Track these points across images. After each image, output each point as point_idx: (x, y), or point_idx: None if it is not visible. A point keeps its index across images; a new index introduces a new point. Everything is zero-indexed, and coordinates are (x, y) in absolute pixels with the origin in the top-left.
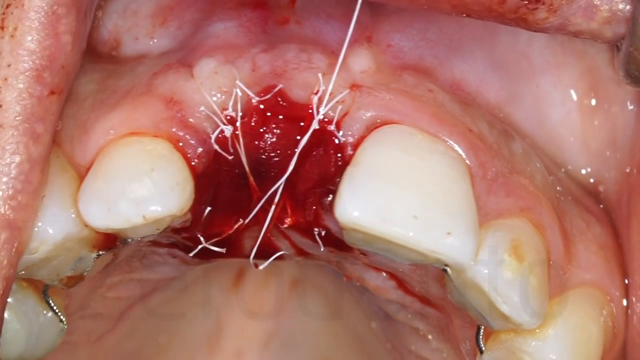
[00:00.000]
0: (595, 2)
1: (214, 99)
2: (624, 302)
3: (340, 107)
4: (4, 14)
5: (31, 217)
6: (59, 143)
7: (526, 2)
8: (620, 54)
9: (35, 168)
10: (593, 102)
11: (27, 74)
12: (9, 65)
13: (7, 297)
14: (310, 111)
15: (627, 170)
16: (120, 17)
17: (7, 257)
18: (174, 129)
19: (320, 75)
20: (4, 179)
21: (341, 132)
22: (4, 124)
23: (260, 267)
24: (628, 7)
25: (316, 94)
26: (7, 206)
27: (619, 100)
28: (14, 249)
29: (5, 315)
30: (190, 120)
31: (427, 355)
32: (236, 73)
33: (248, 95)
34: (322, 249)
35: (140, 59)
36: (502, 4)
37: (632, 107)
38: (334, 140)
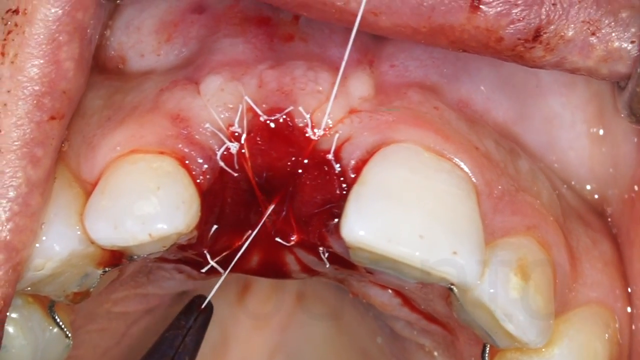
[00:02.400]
0: (591, 41)
1: (221, 116)
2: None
3: (337, 135)
4: (4, 40)
5: (30, 239)
6: (65, 159)
7: (523, 40)
8: (625, 92)
9: (34, 191)
10: (601, 131)
11: (26, 100)
12: (8, 91)
13: (6, 315)
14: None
15: (626, 197)
16: (124, 33)
17: (5, 278)
18: (179, 146)
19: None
20: (2, 202)
21: (342, 158)
22: (3, 149)
23: None
24: (624, 45)
25: (313, 128)
26: (4, 228)
27: (622, 128)
28: (11, 270)
29: (11, 330)
30: (196, 137)
31: None
32: (242, 90)
33: (253, 111)
34: (327, 266)
35: (146, 75)
36: (499, 42)
37: (635, 139)
38: (333, 167)
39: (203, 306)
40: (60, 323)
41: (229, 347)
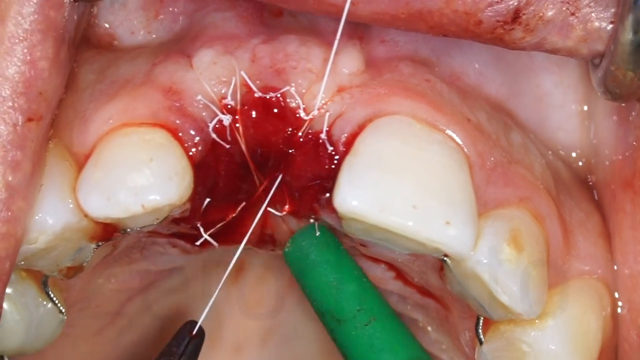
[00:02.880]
0: (570, 21)
1: (214, 89)
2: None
3: (329, 113)
4: None
5: (14, 246)
6: (58, 133)
7: (502, 22)
8: (599, 70)
9: (15, 196)
10: (585, 107)
11: (2, 101)
12: None
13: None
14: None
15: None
16: (110, 12)
17: None
18: (172, 118)
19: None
20: None
21: (333, 135)
22: None
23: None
24: (603, 25)
25: (305, 110)
26: None
27: (602, 112)
28: None
29: (5, 306)
30: (189, 109)
31: (427, 346)
32: (235, 63)
33: (246, 86)
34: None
35: (139, 50)
36: (478, 25)
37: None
38: (325, 147)
39: (194, 332)
40: (54, 298)
41: (222, 329)
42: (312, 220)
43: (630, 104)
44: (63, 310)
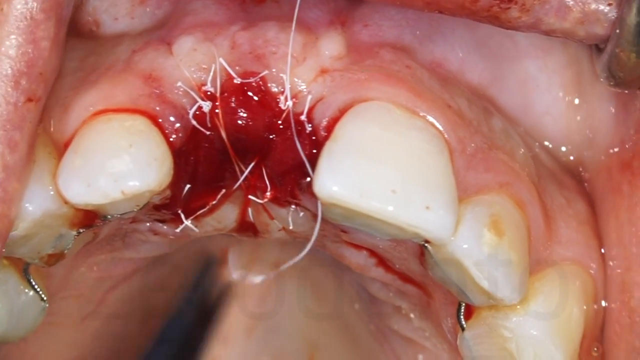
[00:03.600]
0: (567, 3)
1: (194, 76)
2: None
3: (310, 96)
4: None
5: (7, 227)
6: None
7: (498, 1)
8: (604, 55)
9: (11, 177)
10: (577, 100)
11: (4, 80)
12: None
13: None
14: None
15: (610, 151)
16: None
17: None
18: (151, 105)
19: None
20: None
21: (314, 118)
22: None
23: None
24: (601, 7)
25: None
26: None
27: (598, 96)
28: None
29: None
30: (169, 96)
31: (410, 334)
32: (215, 50)
33: (226, 73)
34: (300, 215)
35: (120, 38)
36: (474, 3)
37: (611, 108)
38: (305, 128)
39: None
40: (36, 286)
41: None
42: (292, 208)
43: (631, 93)
44: (45, 298)
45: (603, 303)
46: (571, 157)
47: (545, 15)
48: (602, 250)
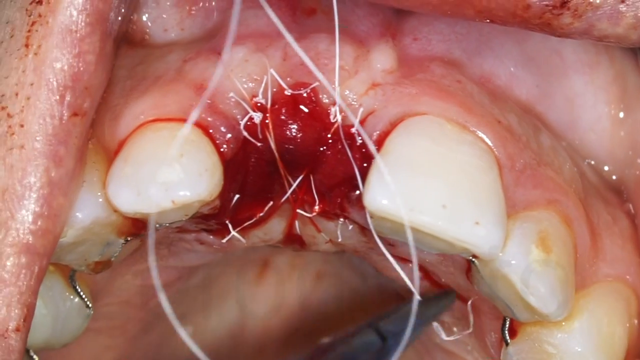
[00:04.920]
0: (620, 9)
1: (245, 86)
2: None
3: (362, 109)
4: (29, 31)
5: (51, 243)
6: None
7: (551, 7)
8: None
9: (56, 193)
10: (622, 114)
11: (49, 93)
12: (32, 84)
13: (30, 324)
14: (331, 117)
15: None
16: (143, 9)
17: (27, 283)
18: (203, 115)
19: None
20: (24, 202)
21: (365, 132)
22: (25, 145)
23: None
24: None
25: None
26: (26, 230)
27: None
28: (34, 275)
29: None
30: (220, 106)
31: (452, 348)
32: (267, 61)
33: (277, 84)
34: (349, 227)
35: (170, 47)
36: (526, 10)
37: None
38: (356, 141)
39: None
40: (81, 293)
41: (246, 328)
42: (341, 221)
43: None
44: (90, 305)
45: None
46: (614, 177)
47: (597, 21)
48: None
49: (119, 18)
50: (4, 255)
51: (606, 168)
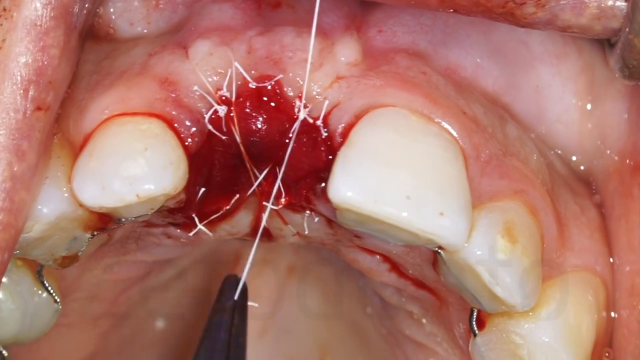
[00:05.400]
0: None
1: (209, 80)
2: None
3: (327, 102)
4: None
5: (13, 237)
6: (59, 124)
7: None
8: (617, 44)
9: (19, 187)
10: (589, 106)
11: (12, 88)
12: None
13: None
14: (296, 110)
15: (611, 169)
16: (110, 2)
17: None
18: (167, 109)
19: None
20: None
21: (330, 124)
22: None
23: None
24: (617, 3)
25: (300, 97)
26: None
27: (611, 101)
28: None
29: (0, 295)
30: (185, 100)
31: (422, 339)
32: (231, 55)
33: (242, 77)
34: (315, 220)
35: (135, 41)
36: None
37: (625, 114)
38: (321, 133)
39: (241, 285)
40: (49, 288)
41: None
42: (307, 213)
43: None
44: (58, 300)
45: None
46: (582, 167)
47: (561, 11)
48: (611, 259)
49: (84, 12)
50: None
51: (574, 158)
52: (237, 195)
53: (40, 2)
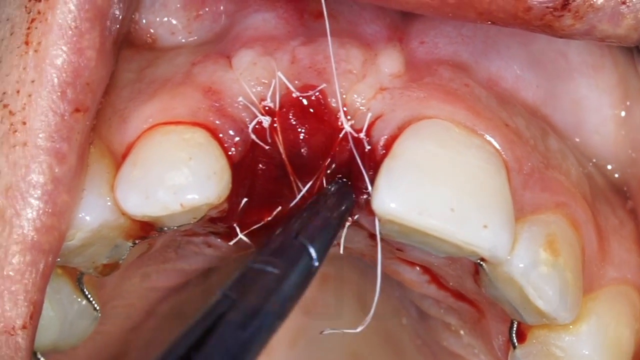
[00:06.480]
0: (621, 10)
1: (253, 90)
2: None
3: (370, 114)
4: (28, 28)
5: (57, 240)
6: (97, 131)
7: (552, 9)
8: None
9: (60, 189)
10: (622, 113)
11: (50, 90)
12: (32, 81)
13: (37, 322)
14: (339, 123)
15: None
16: (151, 12)
17: (33, 280)
18: (211, 118)
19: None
20: (28, 200)
21: (373, 136)
22: (28, 142)
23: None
24: None
25: (345, 114)
26: (31, 228)
27: None
28: (40, 273)
29: None
30: (228, 109)
31: (459, 350)
32: (275, 65)
33: (286, 87)
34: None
35: (178, 50)
36: (527, 12)
37: None
38: (364, 145)
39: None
40: (89, 295)
41: None
42: (348, 224)
43: None
44: (97, 308)
45: None
46: (616, 175)
47: (599, 22)
48: None
49: (118, 15)
50: (10, 253)
51: (609, 167)
52: (279, 208)
53: (74, 4)
